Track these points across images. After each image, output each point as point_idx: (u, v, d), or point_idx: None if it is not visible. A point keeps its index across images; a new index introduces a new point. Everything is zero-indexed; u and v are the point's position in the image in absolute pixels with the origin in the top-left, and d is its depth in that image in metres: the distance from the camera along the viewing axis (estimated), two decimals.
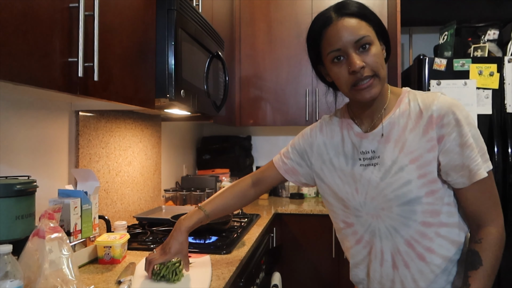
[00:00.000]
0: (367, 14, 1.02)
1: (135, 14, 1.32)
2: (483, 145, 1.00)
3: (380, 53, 1.01)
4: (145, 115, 2.16)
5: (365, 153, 1.09)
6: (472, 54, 2.60)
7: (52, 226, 1.00)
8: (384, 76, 1.01)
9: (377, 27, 1.03)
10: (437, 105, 0.99)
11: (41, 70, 0.88)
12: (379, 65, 0.99)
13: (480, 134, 1.01)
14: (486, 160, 0.99)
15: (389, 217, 1.04)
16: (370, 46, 0.99)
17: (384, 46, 1.05)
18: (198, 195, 2.42)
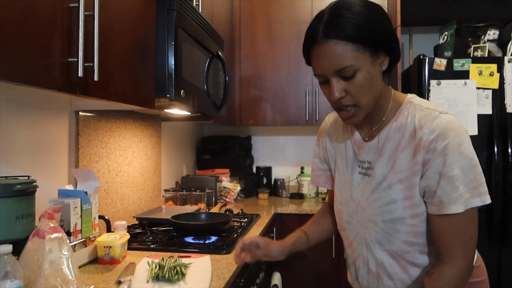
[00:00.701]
0: (360, 34, 0.89)
1: (135, 14, 1.32)
2: (477, 177, 0.91)
3: (367, 79, 0.92)
4: (145, 115, 2.16)
5: (362, 162, 1.07)
6: (472, 54, 2.60)
7: (52, 226, 1.00)
8: (367, 104, 0.95)
9: (375, 41, 0.92)
10: (430, 128, 0.93)
11: (41, 70, 0.88)
12: (361, 94, 0.93)
13: (475, 164, 0.92)
14: (476, 195, 0.91)
15: (374, 230, 1.04)
16: (355, 74, 0.91)
17: (386, 56, 0.96)
18: (198, 195, 2.42)
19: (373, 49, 0.92)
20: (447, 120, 0.93)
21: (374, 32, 0.91)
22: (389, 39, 0.94)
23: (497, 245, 2.37)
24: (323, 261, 2.56)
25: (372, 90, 0.94)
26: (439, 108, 0.97)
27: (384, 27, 0.93)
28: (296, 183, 3.26)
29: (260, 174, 3.19)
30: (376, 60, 0.93)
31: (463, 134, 0.93)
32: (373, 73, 0.93)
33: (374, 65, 0.93)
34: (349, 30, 0.89)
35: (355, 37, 0.89)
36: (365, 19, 0.90)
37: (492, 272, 2.38)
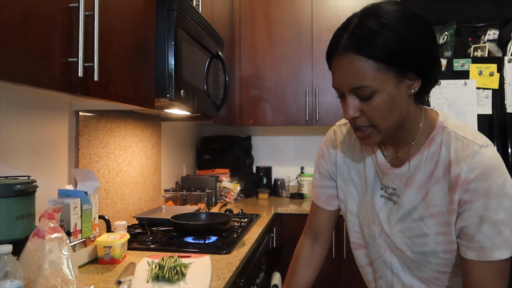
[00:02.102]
0: (384, 52, 0.77)
1: (135, 14, 1.32)
2: None
3: (387, 102, 0.81)
4: (145, 115, 2.16)
5: (386, 187, 0.98)
6: (472, 54, 2.60)
7: (52, 226, 1.00)
8: (385, 128, 0.84)
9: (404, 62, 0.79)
10: (469, 165, 0.82)
11: (41, 70, 0.88)
12: (378, 118, 0.83)
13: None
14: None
15: (403, 258, 0.97)
16: (373, 95, 0.81)
17: (418, 79, 0.83)
18: (198, 195, 2.42)
19: (400, 71, 0.80)
20: (489, 156, 0.82)
21: (404, 52, 0.78)
22: (424, 62, 0.81)
23: None
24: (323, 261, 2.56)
25: (393, 115, 0.83)
26: (477, 138, 0.86)
27: (421, 47, 0.80)
28: (296, 183, 3.26)
29: (260, 174, 3.19)
30: (403, 83, 0.82)
31: (505, 171, 0.83)
32: (396, 97, 0.82)
33: (399, 88, 0.81)
34: (372, 46, 0.78)
35: (379, 55, 0.78)
36: (395, 35, 0.78)
37: None
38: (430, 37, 0.82)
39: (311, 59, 2.89)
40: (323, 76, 2.91)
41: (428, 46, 0.81)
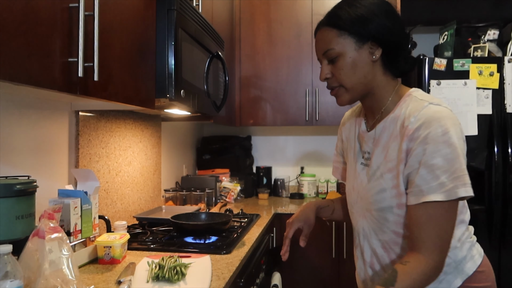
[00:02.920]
0: (346, 22, 0.99)
1: (135, 14, 1.32)
2: (459, 167, 0.90)
3: (349, 63, 1.00)
4: (145, 115, 2.16)
5: (364, 152, 1.11)
6: (472, 54, 2.60)
7: (52, 226, 1.00)
8: (351, 86, 1.02)
9: (362, 31, 0.98)
10: (417, 117, 0.95)
11: (41, 70, 0.88)
12: (343, 76, 1.01)
13: (459, 154, 0.91)
14: (461, 185, 0.89)
15: (370, 219, 1.07)
16: (338, 58, 1.01)
17: (378, 47, 1.00)
18: (198, 195, 2.42)
19: (359, 38, 0.99)
20: (434, 110, 0.95)
21: (360, 23, 0.98)
22: (379, 33, 0.99)
23: (497, 246, 2.37)
24: (323, 261, 2.56)
25: (356, 75, 1.01)
26: (434, 100, 0.99)
27: (379, 20, 0.98)
28: (296, 183, 3.26)
29: (260, 174, 3.18)
30: (363, 49, 1.00)
31: (450, 124, 0.93)
32: (358, 60, 1.00)
33: (359, 53, 1.00)
34: (338, 18, 1.00)
35: (341, 24, 1.00)
36: (356, 10, 0.99)
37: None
38: (387, 15, 1.00)
39: (311, 59, 2.89)
40: None
41: (384, 21, 0.99)
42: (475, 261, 1.04)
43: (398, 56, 1.03)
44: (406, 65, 1.06)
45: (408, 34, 1.07)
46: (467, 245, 1.05)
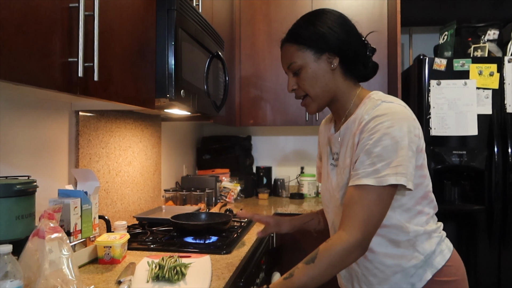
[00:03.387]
0: (302, 36, 1.10)
1: (135, 14, 1.32)
2: (400, 159, 0.95)
3: (310, 73, 1.09)
4: (145, 115, 2.16)
5: (334, 153, 1.18)
6: (472, 54, 2.60)
7: (52, 226, 1.00)
8: (315, 95, 1.12)
9: (317, 43, 1.08)
10: (369, 113, 1.03)
11: (41, 70, 0.88)
12: (307, 87, 1.11)
13: (402, 148, 0.96)
14: (393, 174, 0.95)
15: (340, 215, 1.10)
16: (300, 70, 1.11)
17: (335, 56, 1.09)
18: (198, 195, 2.42)
19: (317, 50, 1.09)
20: (386, 106, 1.02)
21: (315, 35, 1.09)
22: (334, 45, 1.08)
23: (497, 246, 2.37)
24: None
25: (318, 84, 1.10)
26: (388, 98, 1.06)
27: (333, 33, 1.08)
28: (296, 183, 3.26)
29: (260, 174, 3.18)
30: (322, 59, 1.09)
31: (398, 118, 0.98)
32: (318, 69, 1.10)
33: (319, 63, 1.09)
34: (295, 34, 1.13)
35: (298, 39, 1.12)
36: (307, 24, 1.12)
37: (492, 272, 2.39)
38: (341, 27, 1.09)
39: None
40: None
41: (338, 34, 1.08)
42: (444, 255, 1.08)
43: (356, 63, 1.12)
44: (366, 70, 1.15)
45: (364, 42, 1.14)
46: (436, 239, 1.09)
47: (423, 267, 1.06)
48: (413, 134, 1.00)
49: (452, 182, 2.51)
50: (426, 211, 1.09)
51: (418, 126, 1.04)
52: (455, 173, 2.49)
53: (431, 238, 1.08)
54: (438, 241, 1.09)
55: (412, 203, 1.06)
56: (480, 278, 2.40)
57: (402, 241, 1.06)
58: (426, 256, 1.06)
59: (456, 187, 2.52)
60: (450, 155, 2.41)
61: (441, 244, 1.10)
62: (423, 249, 1.06)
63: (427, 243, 1.07)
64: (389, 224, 1.06)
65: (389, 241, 1.07)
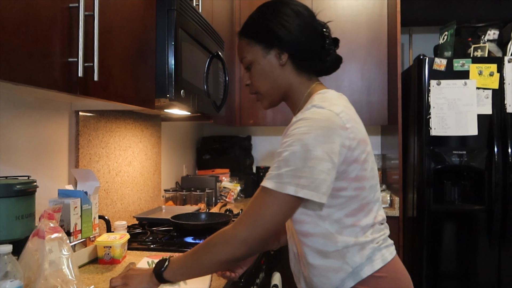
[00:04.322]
0: (249, 30, 1.08)
1: (135, 14, 1.32)
2: (305, 169, 0.90)
3: (259, 70, 1.07)
4: (145, 115, 2.15)
5: None
6: (472, 54, 2.60)
7: (52, 226, 1.00)
8: (265, 91, 1.10)
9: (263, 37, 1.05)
10: (297, 116, 0.98)
11: (41, 70, 0.88)
12: (257, 83, 1.09)
13: (312, 158, 0.90)
14: (294, 184, 0.89)
15: None
16: (251, 65, 1.09)
17: (283, 51, 1.05)
18: (198, 195, 2.42)
19: (265, 46, 1.06)
20: (312, 111, 0.97)
21: (260, 28, 1.06)
22: (283, 37, 1.04)
23: (497, 246, 2.37)
24: None
25: (267, 80, 1.08)
26: (324, 103, 0.99)
27: (280, 27, 1.04)
28: None
29: (260, 174, 3.18)
30: (271, 54, 1.06)
31: (319, 126, 0.93)
32: (266, 65, 1.07)
33: (267, 59, 1.06)
34: (246, 27, 1.10)
35: (246, 33, 1.09)
36: (254, 17, 1.09)
37: (492, 272, 2.39)
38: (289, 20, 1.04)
39: None
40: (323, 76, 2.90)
41: (286, 27, 1.04)
42: (374, 266, 1.00)
43: (309, 58, 1.07)
44: (324, 64, 1.10)
45: (323, 34, 1.08)
46: (369, 251, 1.01)
47: (349, 278, 1.00)
48: (337, 145, 0.93)
49: (452, 182, 2.51)
50: (362, 223, 1.01)
51: (352, 136, 0.96)
52: (455, 173, 2.49)
53: (364, 250, 1.00)
54: (372, 251, 1.01)
55: (341, 214, 0.99)
56: (480, 278, 2.40)
57: (331, 252, 1.00)
58: (353, 268, 1.00)
59: (456, 187, 2.52)
60: (450, 155, 2.40)
61: (375, 254, 1.01)
62: (352, 261, 1.00)
63: (358, 255, 1.00)
64: (314, 233, 1.01)
65: (317, 252, 1.02)
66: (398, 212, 2.57)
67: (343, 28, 2.86)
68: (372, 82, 2.89)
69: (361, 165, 0.98)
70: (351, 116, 1.00)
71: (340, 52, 1.17)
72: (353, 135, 0.97)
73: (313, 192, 0.90)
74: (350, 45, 2.87)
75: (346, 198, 0.98)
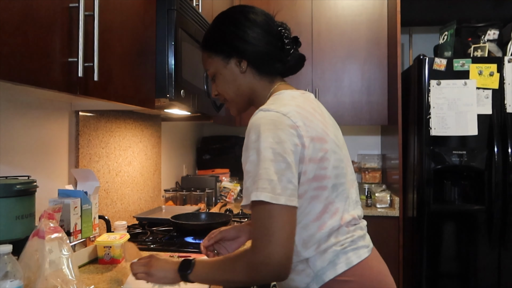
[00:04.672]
0: (207, 43, 1.12)
1: (135, 14, 1.32)
2: (259, 172, 0.90)
3: (222, 79, 1.11)
4: (145, 115, 2.15)
5: None
6: (472, 54, 2.60)
7: (52, 226, 1.00)
8: (231, 98, 1.12)
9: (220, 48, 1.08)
10: (249, 124, 0.98)
11: (41, 70, 0.88)
12: (223, 91, 1.12)
13: (264, 159, 0.90)
14: (252, 190, 0.90)
15: None
16: (215, 77, 1.12)
17: (242, 59, 1.07)
18: (198, 195, 2.42)
19: (224, 56, 1.09)
20: (258, 116, 0.97)
21: (217, 40, 1.10)
22: (238, 45, 1.07)
23: (497, 246, 2.37)
24: None
25: (230, 87, 1.11)
26: (271, 106, 0.99)
27: (235, 37, 1.07)
28: None
29: None
30: (231, 64, 1.09)
31: (265, 129, 0.93)
32: (228, 74, 1.10)
33: (228, 68, 1.09)
34: (204, 41, 1.13)
35: (206, 46, 1.12)
36: (211, 29, 1.13)
37: (492, 272, 2.39)
38: (244, 29, 1.07)
39: (311, 59, 2.89)
40: (323, 76, 2.91)
41: (241, 37, 1.06)
42: (336, 269, 0.98)
43: (268, 61, 1.09)
44: (285, 65, 1.11)
45: (280, 37, 1.10)
46: (331, 255, 0.98)
47: (313, 281, 0.99)
48: (289, 144, 0.92)
49: (452, 182, 2.51)
50: (327, 227, 0.99)
51: (307, 133, 0.95)
52: (455, 173, 2.49)
53: (325, 254, 0.98)
54: (335, 254, 0.99)
55: (307, 220, 0.97)
56: (480, 278, 2.40)
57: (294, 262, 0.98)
58: (315, 272, 0.99)
59: (456, 187, 2.52)
60: (450, 155, 2.41)
61: (339, 257, 0.99)
62: (314, 265, 0.98)
63: (319, 260, 0.98)
64: None
65: None
66: (398, 212, 2.58)
67: (343, 28, 2.87)
68: (372, 82, 2.89)
69: (317, 163, 0.97)
70: (303, 115, 0.98)
71: (340, 52, 1.19)
72: (305, 133, 0.95)
73: (270, 194, 0.89)
74: (350, 45, 2.87)
75: (308, 200, 0.97)
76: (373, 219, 2.53)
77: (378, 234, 2.46)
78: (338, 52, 2.88)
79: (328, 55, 2.89)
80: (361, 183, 3.09)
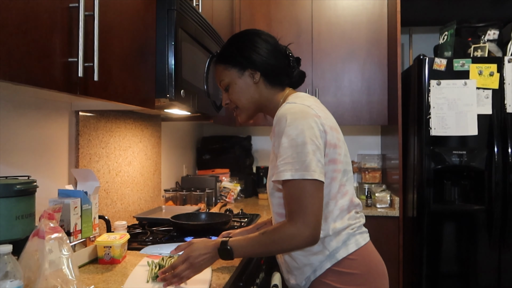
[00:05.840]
0: (224, 57, 1.26)
1: (135, 14, 1.32)
2: (288, 155, 1.08)
3: (236, 88, 1.25)
4: (145, 115, 2.15)
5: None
6: (472, 54, 2.60)
7: (52, 226, 1.00)
8: (243, 106, 1.27)
9: (237, 61, 1.23)
10: (276, 115, 1.15)
11: (41, 70, 0.88)
12: (236, 99, 1.26)
13: (298, 145, 1.07)
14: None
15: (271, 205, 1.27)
16: (229, 86, 1.26)
17: (256, 71, 1.23)
18: (198, 195, 2.42)
19: (239, 68, 1.24)
20: (286, 107, 1.14)
21: (234, 54, 1.25)
22: (255, 60, 1.23)
23: (497, 246, 2.37)
24: None
25: (245, 96, 1.26)
26: (296, 99, 1.18)
27: (251, 52, 1.23)
28: None
29: (260, 174, 3.18)
30: (245, 75, 1.24)
31: (293, 118, 1.10)
32: (242, 84, 1.25)
33: (242, 79, 1.25)
34: (221, 55, 1.28)
35: (222, 59, 1.27)
36: (228, 46, 1.28)
37: (492, 272, 2.39)
38: (259, 45, 1.25)
39: (311, 59, 2.89)
40: (323, 76, 2.91)
41: (257, 52, 1.24)
42: (348, 249, 1.16)
43: (278, 75, 1.27)
44: (291, 79, 1.30)
45: (286, 55, 1.30)
46: (344, 236, 1.17)
47: (326, 260, 1.16)
48: (316, 130, 1.10)
49: (452, 182, 2.51)
50: (339, 205, 1.17)
51: (326, 123, 1.15)
52: (455, 173, 2.49)
53: (339, 235, 1.16)
54: (347, 237, 1.17)
55: (329, 197, 1.15)
56: (480, 278, 2.40)
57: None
58: (331, 252, 1.16)
59: (456, 187, 2.52)
60: (450, 155, 2.41)
61: (350, 239, 1.17)
62: (330, 245, 1.16)
63: (335, 240, 1.16)
64: None
65: None
66: (398, 212, 2.58)
67: (343, 28, 2.87)
68: (372, 82, 2.89)
69: (333, 148, 1.15)
70: (320, 108, 1.19)
71: (340, 52, 1.25)
72: (325, 121, 1.15)
73: (305, 172, 1.06)
74: (350, 45, 2.87)
75: (329, 180, 1.15)
76: (373, 219, 2.53)
77: (378, 234, 2.46)
78: (338, 52, 2.88)
79: (328, 55, 2.89)
80: (361, 183, 3.09)
